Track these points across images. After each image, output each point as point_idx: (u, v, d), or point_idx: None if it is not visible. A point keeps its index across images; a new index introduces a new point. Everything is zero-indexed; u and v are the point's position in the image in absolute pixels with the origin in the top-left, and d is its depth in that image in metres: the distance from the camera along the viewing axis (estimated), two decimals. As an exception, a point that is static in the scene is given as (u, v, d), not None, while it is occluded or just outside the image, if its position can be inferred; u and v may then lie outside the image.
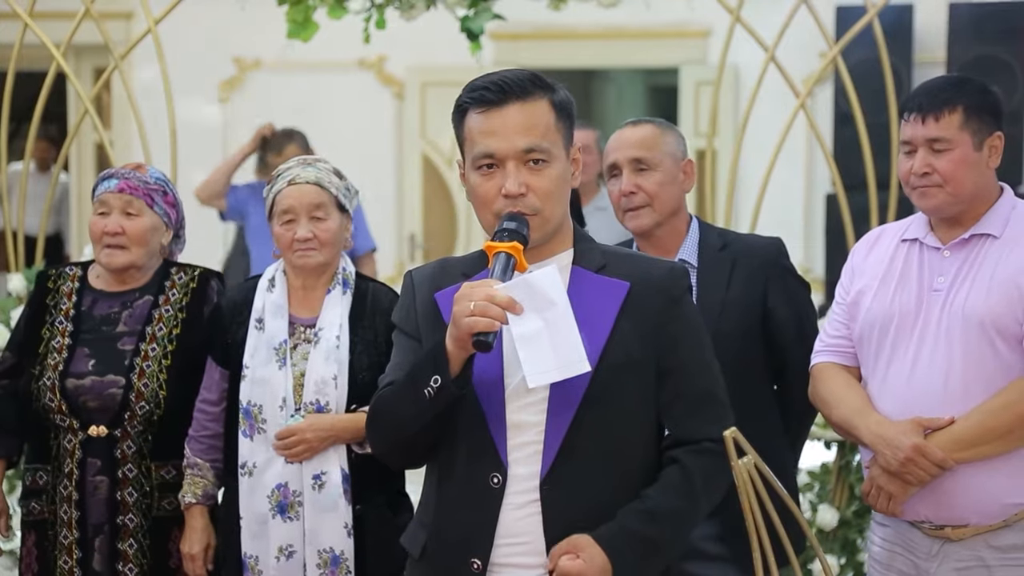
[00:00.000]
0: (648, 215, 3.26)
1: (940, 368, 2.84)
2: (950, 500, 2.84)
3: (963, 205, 2.93)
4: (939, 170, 2.89)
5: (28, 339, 3.41)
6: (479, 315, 2.21)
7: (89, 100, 4.77)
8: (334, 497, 3.16)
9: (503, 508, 2.36)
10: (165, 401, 3.28)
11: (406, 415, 2.36)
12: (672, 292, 2.45)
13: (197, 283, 3.42)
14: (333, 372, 3.18)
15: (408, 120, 9.26)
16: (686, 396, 2.43)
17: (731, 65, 6.87)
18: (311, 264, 3.24)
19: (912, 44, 8.30)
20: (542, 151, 2.36)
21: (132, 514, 3.28)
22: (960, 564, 2.87)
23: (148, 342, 3.32)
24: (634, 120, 3.40)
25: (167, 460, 3.33)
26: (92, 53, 9.23)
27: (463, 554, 2.37)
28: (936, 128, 2.90)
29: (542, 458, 2.35)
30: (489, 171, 2.37)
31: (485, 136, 2.36)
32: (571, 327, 2.29)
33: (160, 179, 3.43)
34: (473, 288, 2.25)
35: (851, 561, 4.33)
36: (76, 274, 3.46)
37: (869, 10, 4.48)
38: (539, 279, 2.29)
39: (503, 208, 2.35)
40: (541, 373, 2.29)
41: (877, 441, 2.86)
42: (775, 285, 3.26)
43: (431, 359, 2.31)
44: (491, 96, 2.35)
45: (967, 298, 2.85)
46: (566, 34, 8.99)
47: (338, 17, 4.73)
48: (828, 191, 8.33)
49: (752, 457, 2.46)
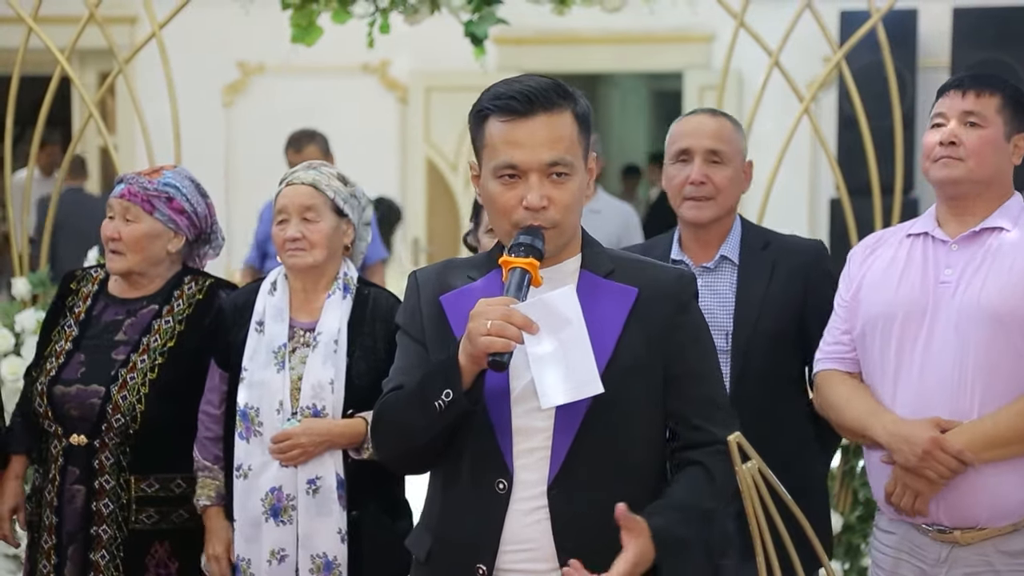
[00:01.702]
0: (711, 208, 3.21)
1: (954, 360, 2.82)
2: (963, 499, 2.82)
3: (978, 186, 2.92)
4: (966, 143, 2.90)
5: (42, 339, 3.44)
6: (496, 335, 2.20)
7: (93, 104, 4.78)
8: (328, 502, 3.15)
9: (509, 514, 2.35)
10: (142, 415, 3.24)
11: (415, 426, 2.34)
12: (680, 298, 2.45)
13: (205, 295, 3.39)
14: (330, 376, 3.18)
15: (412, 124, 9.27)
16: (696, 401, 2.43)
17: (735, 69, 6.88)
18: (300, 264, 3.24)
19: (916, 48, 8.31)
20: (565, 164, 2.33)
21: (106, 526, 3.24)
22: (969, 569, 2.85)
23: (140, 353, 3.29)
24: (711, 110, 3.34)
25: (148, 474, 3.28)
26: (96, 57, 9.25)
27: (469, 560, 2.36)
28: (975, 103, 2.92)
29: (550, 463, 2.34)
30: (511, 181, 2.34)
31: (509, 147, 2.33)
32: (586, 348, 2.28)
33: (170, 185, 3.36)
34: (490, 306, 2.23)
35: (855, 566, 4.32)
36: (99, 277, 3.46)
37: (873, 14, 4.48)
38: (556, 299, 2.28)
39: (523, 220, 2.33)
40: (555, 394, 2.28)
41: (893, 439, 2.84)
42: (814, 289, 3.21)
43: (443, 372, 2.29)
44: (518, 106, 2.32)
45: (982, 290, 2.83)
46: (570, 39, 8.99)
47: (342, 22, 4.73)
48: (832, 195, 8.33)
49: (756, 462, 2.45)
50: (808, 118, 4.53)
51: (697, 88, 9.13)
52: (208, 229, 3.47)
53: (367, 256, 6.28)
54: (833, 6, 7.67)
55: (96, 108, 4.76)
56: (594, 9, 4.74)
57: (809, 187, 8.99)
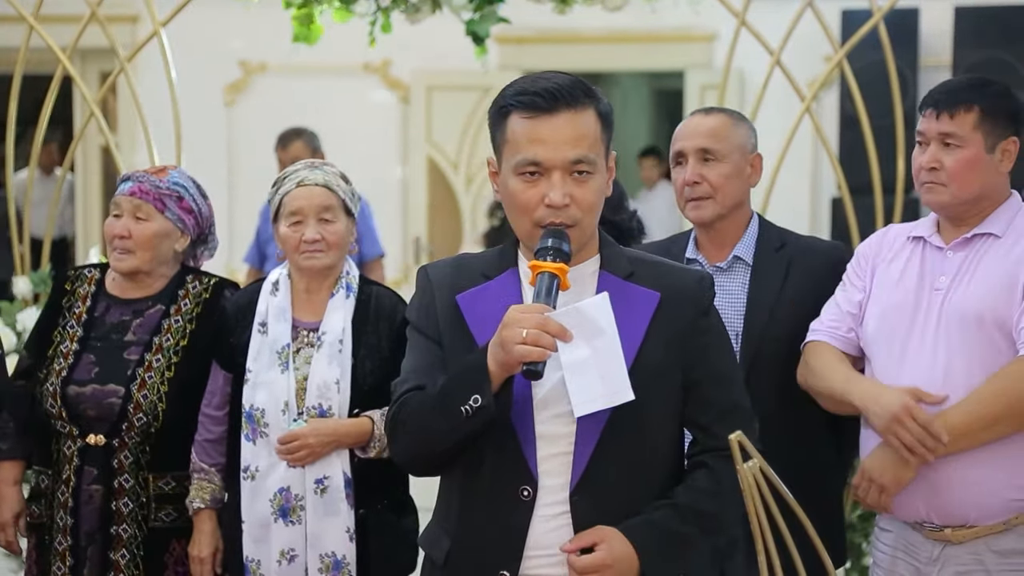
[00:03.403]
0: (710, 207, 3.18)
1: (940, 363, 2.84)
2: (950, 496, 2.83)
3: (966, 205, 2.93)
4: (946, 167, 2.90)
5: (41, 340, 3.41)
6: (532, 343, 2.18)
7: (95, 103, 4.78)
8: (336, 501, 3.15)
9: (533, 520, 2.33)
10: (164, 414, 3.25)
11: (438, 430, 2.32)
12: (701, 303, 2.44)
13: (211, 294, 3.39)
14: (336, 376, 3.18)
15: (413, 124, 9.26)
16: (714, 406, 2.42)
17: (736, 69, 6.88)
18: (318, 266, 3.24)
19: (918, 47, 8.30)
20: (589, 162, 2.32)
21: (126, 524, 3.25)
22: (961, 568, 2.86)
23: (153, 352, 3.30)
24: (707, 108, 3.32)
25: (166, 471, 3.30)
26: (98, 56, 9.24)
27: (492, 565, 2.34)
28: (949, 124, 2.90)
29: (572, 468, 2.33)
30: (532, 178, 2.32)
31: (533, 144, 2.31)
32: (618, 355, 2.27)
33: (179, 184, 3.37)
34: (524, 314, 2.21)
35: (856, 565, 4.32)
36: (94, 277, 3.44)
37: (875, 13, 4.48)
38: (590, 307, 2.27)
39: (544, 217, 2.32)
40: (588, 402, 2.27)
41: (868, 401, 2.84)
42: (830, 291, 3.13)
43: (470, 377, 2.27)
44: (542, 103, 2.30)
45: (967, 295, 2.85)
46: (571, 38, 8.99)
47: (343, 21, 4.74)
48: (834, 195, 8.33)
49: (757, 461, 2.45)
50: (810, 117, 4.53)
51: (698, 87, 9.12)
52: (207, 230, 3.47)
53: (364, 253, 6.31)
54: (834, 5, 7.67)
55: (98, 107, 4.77)
56: (595, 8, 4.74)
57: (811, 186, 8.98)
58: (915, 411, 2.76)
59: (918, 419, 2.75)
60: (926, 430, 2.74)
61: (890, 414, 2.77)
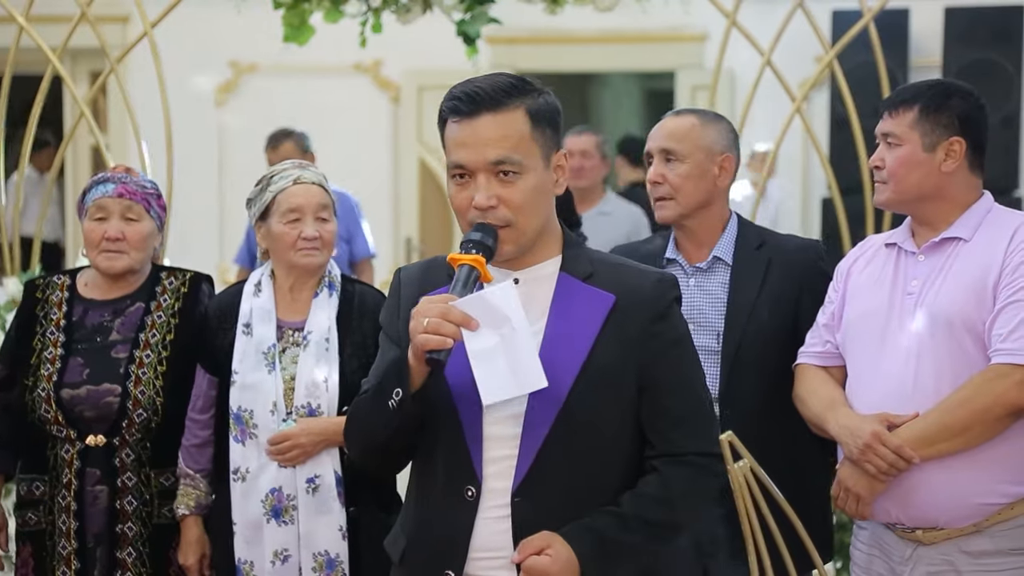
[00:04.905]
0: (671, 207, 3.20)
1: (909, 369, 2.86)
2: (917, 500, 2.85)
3: (911, 205, 2.96)
4: (887, 165, 2.94)
5: (19, 350, 3.38)
6: (432, 332, 2.19)
7: (85, 104, 4.77)
8: (328, 500, 3.16)
9: (478, 521, 2.33)
10: (163, 408, 3.26)
11: (375, 424, 2.34)
12: (657, 306, 2.40)
13: (188, 287, 3.40)
14: (324, 375, 3.18)
15: (404, 124, 9.27)
16: (669, 410, 2.39)
17: (727, 69, 6.89)
18: (315, 264, 3.25)
19: (908, 48, 8.32)
20: (513, 163, 2.31)
21: (131, 523, 3.26)
22: (932, 568, 2.88)
23: (143, 349, 3.30)
24: (682, 109, 3.35)
25: (166, 467, 3.32)
26: (88, 57, 9.23)
27: (438, 565, 2.35)
28: (890, 123, 2.95)
29: (515, 471, 2.32)
30: (462, 181, 2.35)
31: (457, 147, 2.32)
32: (528, 344, 2.25)
33: (152, 183, 3.44)
34: (429, 304, 2.23)
35: (847, 565, 4.32)
36: (64, 283, 3.43)
37: (865, 14, 4.49)
38: (494, 295, 2.26)
39: (475, 219, 2.34)
40: (496, 390, 2.26)
41: (842, 431, 2.89)
42: (810, 289, 3.17)
43: (394, 371, 2.30)
44: (462, 107, 2.32)
45: (936, 298, 2.86)
46: (562, 38, 9.00)
47: (334, 21, 4.73)
48: (824, 195, 8.34)
49: (748, 461, 2.46)
50: (800, 118, 4.54)
51: (689, 88, 9.14)
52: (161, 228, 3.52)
53: (355, 254, 6.31)
54: (825, 6, 7.67)
55: (88, 107, 4.76)
56: (587, 8, 4.75)
57: (801, 186, 8.99)
58: (885, 438, 2.81)
59: (888, 445, 2.80)
60: (897, 454, 2.79)
61: (862, 443, 2.82)
